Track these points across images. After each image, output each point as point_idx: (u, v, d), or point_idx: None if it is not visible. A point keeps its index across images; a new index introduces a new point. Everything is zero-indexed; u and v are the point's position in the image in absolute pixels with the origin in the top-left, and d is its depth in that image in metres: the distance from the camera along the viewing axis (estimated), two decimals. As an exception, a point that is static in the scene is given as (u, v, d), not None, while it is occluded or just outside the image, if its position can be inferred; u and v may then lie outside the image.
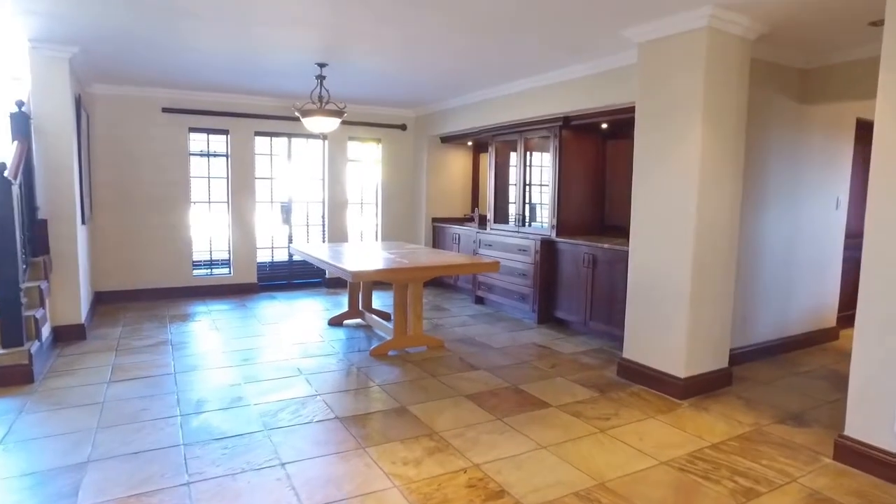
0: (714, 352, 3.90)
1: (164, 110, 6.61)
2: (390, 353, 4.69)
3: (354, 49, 4.66)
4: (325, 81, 5.37)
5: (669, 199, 3.74)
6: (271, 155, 7.49)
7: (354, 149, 8.00)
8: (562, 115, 5.54)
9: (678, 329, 3.71)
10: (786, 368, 4.47)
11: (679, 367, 3.72)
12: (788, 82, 4.58)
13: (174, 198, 6.81)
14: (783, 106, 4.58)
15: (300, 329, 5.47)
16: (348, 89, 6.44)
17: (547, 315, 5.78)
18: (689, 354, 3.70)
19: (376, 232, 8.33)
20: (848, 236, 5.43)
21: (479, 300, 6.79)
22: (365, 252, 5.46)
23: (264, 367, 4.28)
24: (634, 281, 4.03)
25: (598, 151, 5.95)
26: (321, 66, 5.15)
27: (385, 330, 5.04)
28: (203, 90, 6.61)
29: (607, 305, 5.03)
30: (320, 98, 5.21)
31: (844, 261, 5.41)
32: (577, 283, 5.37)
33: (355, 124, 7.74)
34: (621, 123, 5.34)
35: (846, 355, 5.06)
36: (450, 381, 4.02)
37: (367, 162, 8.16)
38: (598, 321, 5.15)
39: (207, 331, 5.35)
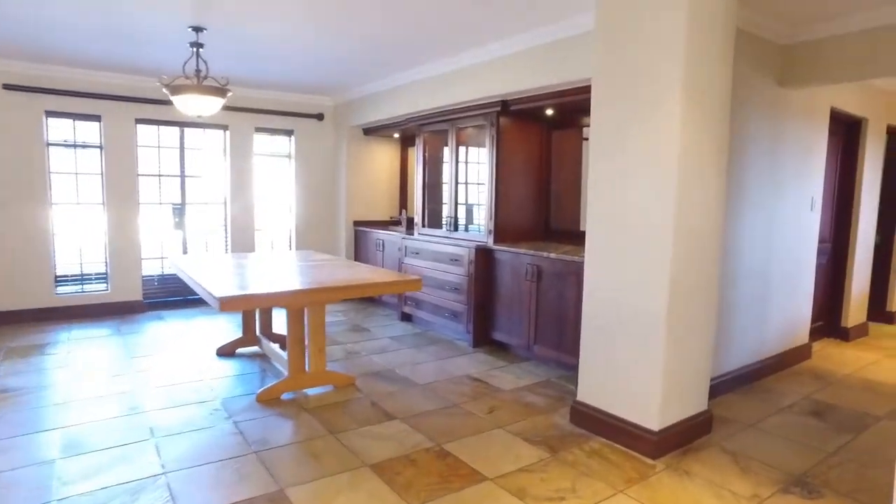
0: (693, 393, 3.08)
1: (8, 87, 5.28)
2: (284, 396, 3.65)
3: (239, 7, 3.60)
4: (208, 54, 4.27)
5: (638, 198, 2.89)
6: (159, 147, 6.26)
7: (263, 142, 6.86)
8: (499, 99, 4.65)
9: (650, 368, 2.86)
10: (766, 401, 3.73)
11: (651, 417, 2.87)
12: (768, 60, 3.85)
13: (25, 198, 5.49)
14: (763, 88, 3.84)
15: (178, 363, 4.33)
16: (246, 67, 5.33)
17: (484, 336, 4.87)
18: (665, 400, 2.86)
19: (290, 238, 7.21)
20: (820, 241, 4.80)
21: (406, 317, 5.82)
22: (264, 266, 4.39)
23: (103, 427, 3.15)
24: (591, 304, 3.16)
25: (542, 143, 5.10)
26: (197, 30, 4.04)
27: (284, 363, 3.99)
28: (64, 64, 5.34)
29: (555, 327, 4.17)
30: (197, 72, 4.10)
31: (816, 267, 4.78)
32: (519, 299, 4.48)
33: (262, 112, 6.61)
34: (570, 109, 4.50)
35: (824, 380, 4.34)
36: (354, 440, 3.03)
37: (278, 157, 7.03)
38: (545, 345, 4.28)
39: (51, 370, 4.13)
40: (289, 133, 6.98)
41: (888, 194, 5.97)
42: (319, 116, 7.07)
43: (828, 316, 5.38)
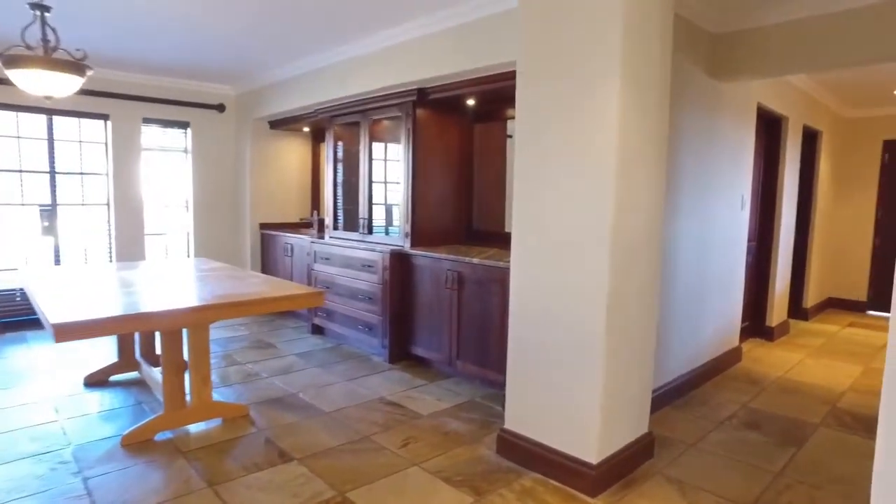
0: (635, 415, 2.73)
1: None
2: (158, 437, 3.02)
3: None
4: (62, 24, 3.53)
5: (570, 197, 2.50)
6: (19, 138, 5.34)
7: (153, 135, 6.05)
8: (415, 87, 4.18)
9: (587, 390, 2.48)
10: (705, 415, 3.47)
11: (590, 447, 2.49)
12: (701, 49, 3.60)
13: None
14: (696, 80, 3.59)
15: (32, 396, 3.57)
16: (125, 46, 4.58)
17: (402, 351, 4.39)
18: (605, 427, 2.49)
19: (188, 244, 6.43)
20: (747, 240, 4.66)
21: (318, 330, 5.24)
22: (144, 279, 3.70)
23: None
24: (517, 317, 2.75)
25: (463, 137, 4.68)
26: (42, -8, 3.32)
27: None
28: None
29: (479, 340, 3.75)
30: (44, 41, 3.36)
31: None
32: (439, 309, 4.04)
33: (152, 101, 5.81)
34: (493, 98, 4.09)
35: (758, 384, 4.13)
36: (238, 494, 2.46)
37: (172, 152, 6.24)
38: (469, 360, 3.85)
39: None
40: (184, 125, 6.20)
41: (803, 193, 6.00)
42: (220, 107, 6.34)
43: (754, 316, 5.29)
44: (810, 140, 6.00)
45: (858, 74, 5.25)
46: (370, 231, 4.78)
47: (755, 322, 5.31)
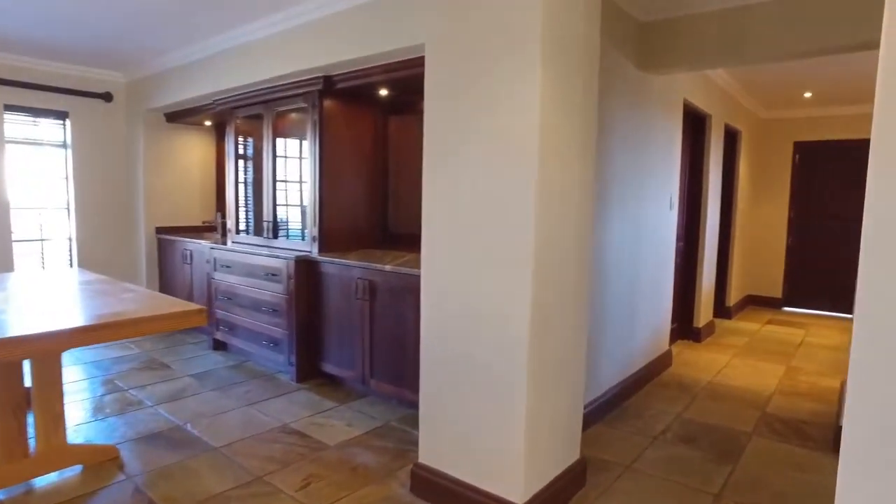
0: (566, 442, 2.43)
1: None
2: (-7, 493, 2.44)
3: None
4: None
5: (489, 194, 2.16)
6: None
7: (21, 125, 5.26)
8: (321, 75, 3.74)
9: (510, 418, 2.15)
10: (639, 429, 3.24)
11: (515, 485, 2.16)
12: (630, 38, 3.37)
13: None
14: (625, 71, 3.36)
15: None
16: (-34, 18, 3.87)
17: (311, 368, 3.93)
18: (531, 460, 2.17)
19: (70, 252, 5.66)
20: (675, 240, 4.53)
21: (220, 345, 4.69)
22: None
23: None
24: (430, 334, 2.39)
25: (377, 130, 4.28)
26: None
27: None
28: None
29: (394, 355, 3.37)
30: None
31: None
32: (350, 322, 3.62)
33: (16, 85, 5.04)
34: (408, 88, 3.71)
35: (689, 391, 3.95)
36: (81, 569, 1.96)
37: (47, 146, 5.47)
38: (383, 379, 3.46)
39: None
40: (62, 115, 5.44)
41: (724, 193, 6.01)
42: (106, 96, 5.62)
43: (682, 317, 5.20)
44: (731, 139, 6.02)
45: (773, 75, 5.27)
46: (275, 235, 4.30)
47: (683, 324, 5.22)
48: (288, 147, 4.33)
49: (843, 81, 5.52)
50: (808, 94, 5.95)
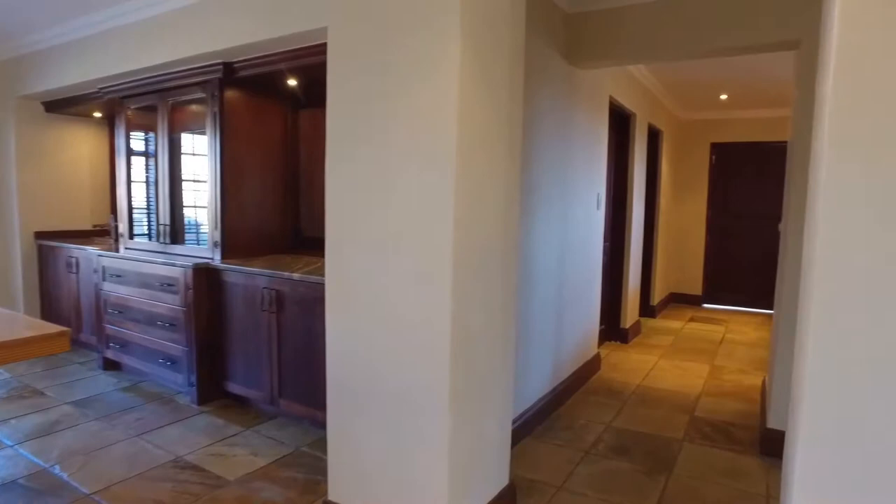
0: (493, 467, 2.19)
1: None
2: None
3: None
4: None
5: (401, 192, 1.89)
6: None
7: None
8: (220, 61, 3.35)
9: (431, 447, 1.89)
10: (570, 442, 3.07)
11: (435, 525, 1.90)
12: (556, 29, 3.20)
13: None
14: (553, 64, 3.18)
15: None
16: None
17: (214, 389, 3.52)
18: (455, 491, 1.91)
19: (-70, 259, 4.91)
20: (603, 240, 4.43)
21: (112, 365, 4.16)
22: None
23: None
24: (336, 351, 2.10)
25: (287, 125, 3.91)
26: None
27: None
28: None
29: (305, 373, 3.03)
30: None
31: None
32: (257, 336, 3.25)
33: None
34: (320, 78, 3.35)
35: (619, 397, 3.81)
36: None
37: None
38: (294, 398, 3.12)
39: None
40: (-85, 104, 4.70)
41: (648, 192, 6.03)
42: (-29, 83, 4.91)
43: (609, 319, 5.13)
44: (653, 139, 6.05)
45: (693, 77, 5.32)
46: (173, 241, 3.84)
47: (610, 325, 5.16)
48: (193, 143, 3.88)
49: (756, 86, 5.66)
50: (724, 97, 6.08)
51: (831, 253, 1.27)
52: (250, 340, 3.30)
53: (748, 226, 7.05)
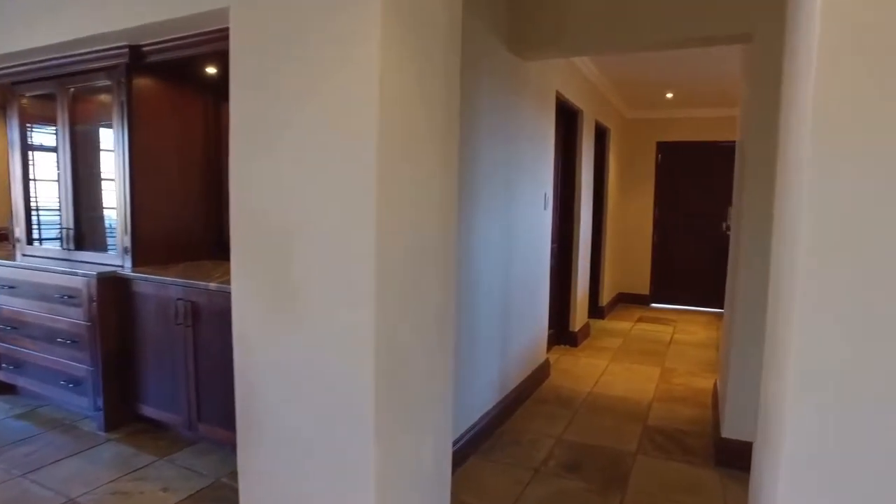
0: (432, 495, 1.94)
1: None
2: None
3: None
4: None
5: (321, 194, 1.62)
6: None
7: None
8: (127, 43, 2.97)
9: (355, 483, 1.62)
10: (518, 460, 2.86)
11: (362, 580, 1.63)
12: (499, 15, 2.98)
13: None
14: (496, 53, 2.96)
15: None
16: None
17: (124, 412, 3.14)
18: (383, 544, 1.65)
19: None
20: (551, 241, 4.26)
21: (5, 388, 3.68)
22: None
23: None
24: (245, 371, 1.81)
25: (207, 118, 3.54)
26: None
27: None
28: None
29: (226, 392, 2.67)
30: None
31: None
32: (172, 353, 2.89)
33: None
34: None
35: (570, 406, 3.60)
36: None
37: None
38: (214, 421, 2.78)
39: None
40: None
41: (595, 191, 5.93)
42: None
43: (558, 322, 4.98)
44: (601, 137, 5.95)
45: (639, 74, 5.24)
46: (78, 246, 3.42)
47: (560, 328, 5.01)
48: (105, 137, 3.46)
49: (701, 85, 5.64)
50: (669, 95, 6.04)
51: (818, 258, 1.08)
52: (164, 358, 2.94)
53: (694, 225, 7.07)
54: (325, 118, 1.60)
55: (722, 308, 7.03)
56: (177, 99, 3.34)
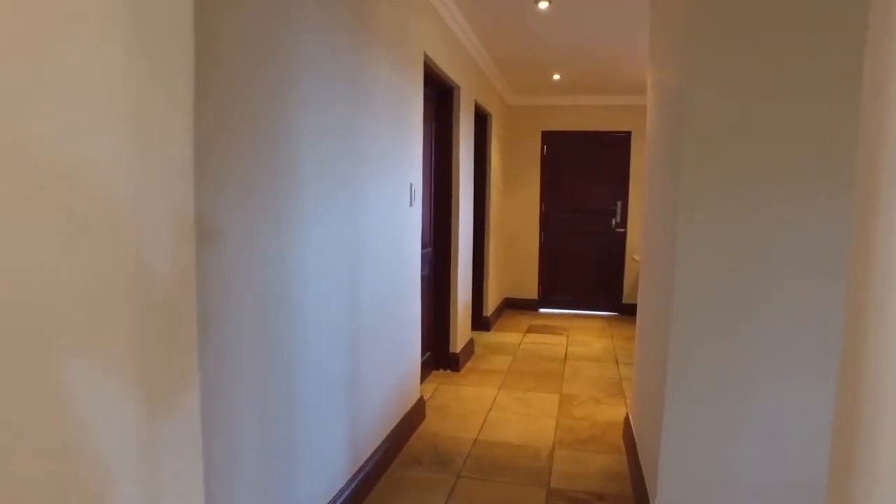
0: None
1: None
2: None
3: None
4: None
5: None
6: None
7: None
8: None
9: None
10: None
11: None
12: None
13: None
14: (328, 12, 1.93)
15: None
16: None
17: None
18: None
19: None
20: (421, 246, 3.33)
21: None
22: None
23: None
24: None
25: None
26: None
27: None
28: None
29: None
30: None
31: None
32: None
33: None
34: None
35: (450, 467, 2.63)
36: None
37: None
38: None
39: None
40: None
41: (476, 184, 5.11)
42: None
43: (435, 343, 4.07)
44: (481, 123, 5.14)
45: (525, 53, 4.50)
46: None
47: (437, 351, 4.10)
48: None
49: (590, 69, 5.03)
50: (556, 77, 5.37)
51: None
52: None
53: (582, 220, 6.52)
54: None
55: (614, 312, 6.61)
56: None
